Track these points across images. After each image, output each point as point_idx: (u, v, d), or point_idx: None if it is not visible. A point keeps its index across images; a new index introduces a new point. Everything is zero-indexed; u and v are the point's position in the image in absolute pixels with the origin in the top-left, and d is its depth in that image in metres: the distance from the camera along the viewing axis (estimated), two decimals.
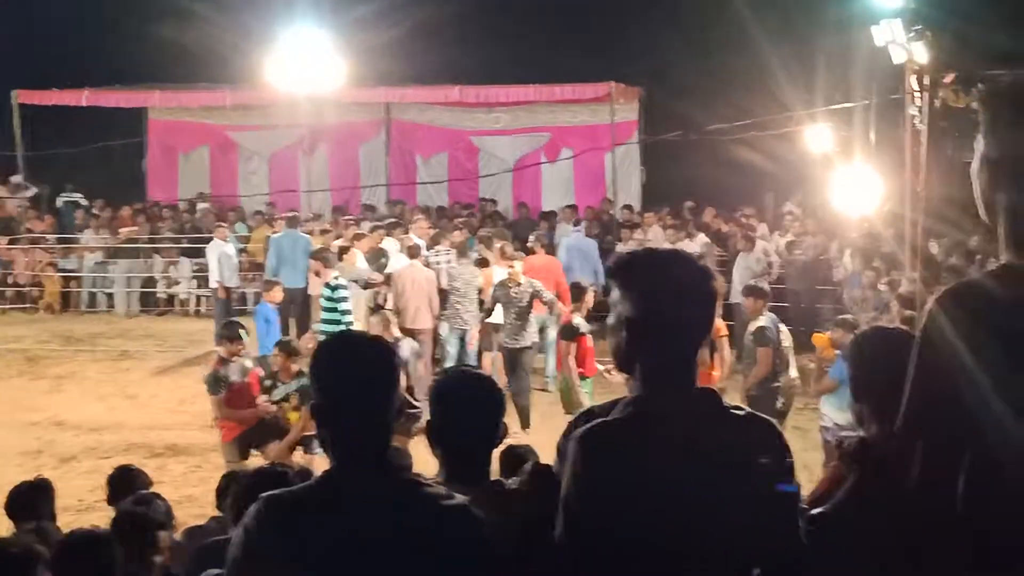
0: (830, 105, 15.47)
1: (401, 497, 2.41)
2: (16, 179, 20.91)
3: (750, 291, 9.85)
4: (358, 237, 14.05)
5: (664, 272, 2.49)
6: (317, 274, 12.33)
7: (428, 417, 2.93)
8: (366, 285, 13.05)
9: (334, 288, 11.61)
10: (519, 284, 11.54)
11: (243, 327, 9.72)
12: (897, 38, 11.59)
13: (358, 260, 13.32)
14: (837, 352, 8.88)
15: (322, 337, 10.02)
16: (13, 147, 18.94)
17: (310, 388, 2.56)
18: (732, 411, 2.46)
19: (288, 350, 9.67)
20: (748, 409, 2.53)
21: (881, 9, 12.45)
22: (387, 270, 13.46)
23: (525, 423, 10.90)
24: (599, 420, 2.48)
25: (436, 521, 2.38)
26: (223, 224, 16.77)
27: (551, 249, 15.42)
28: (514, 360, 11.45)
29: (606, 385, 9.82)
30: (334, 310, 11.49)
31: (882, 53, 12.25)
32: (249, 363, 9.60)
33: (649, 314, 2.45)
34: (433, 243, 14.07)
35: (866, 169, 13.23)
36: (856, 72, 14.92)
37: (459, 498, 2.44)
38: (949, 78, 11.91)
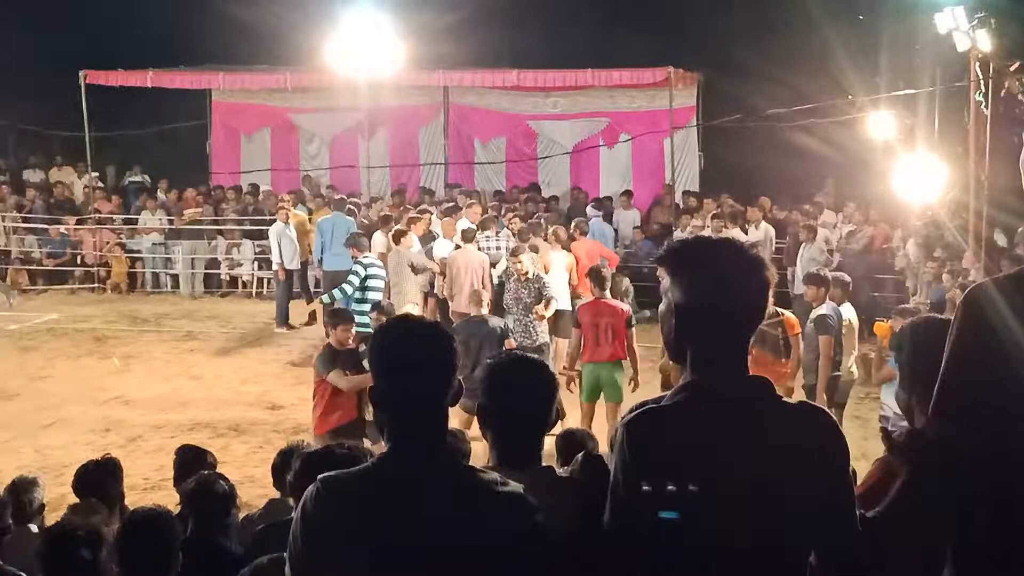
0: (893, 92, 15.27)
1: (455, 482, 2.43)
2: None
3: (810, 279, 9.83)
4: (413, 220, 14.20)
5: (714, 260, 2.49)
6: (354, 258, 12.43)
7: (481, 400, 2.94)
8: (417, 270, 13.10)
9: (366, 266, 12.00)
10: (526, 277, 11.06)
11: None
12: (960, 25, 11.44)
13: (414, 244, 13.45)
14: None
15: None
16: (82, 128, 19.26)
17: None
18: (783, 400, 2.47)
19: (382, 312, 9.91)
20: (801, 399, 2.54)
21: None
22: (436, 254, 13.56)
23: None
24: (648, 407, 2.50)
25: (491, 507, 2.40)
26: (285, 206, 17.03)
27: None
28: None
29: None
30: (363, 288, 11.92)
31: (947, 39, 12.08)
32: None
33: (698, 301, 2.46)
34: (482, 228, 14.07)
35: (929, 157, 13.08)
36: (920, 58, 14.72)
37: (514, 485, 2.45)
38: (1014, 66, 11.73)
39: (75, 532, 4.13)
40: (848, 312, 9.69)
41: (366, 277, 12.01)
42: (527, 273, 11.09)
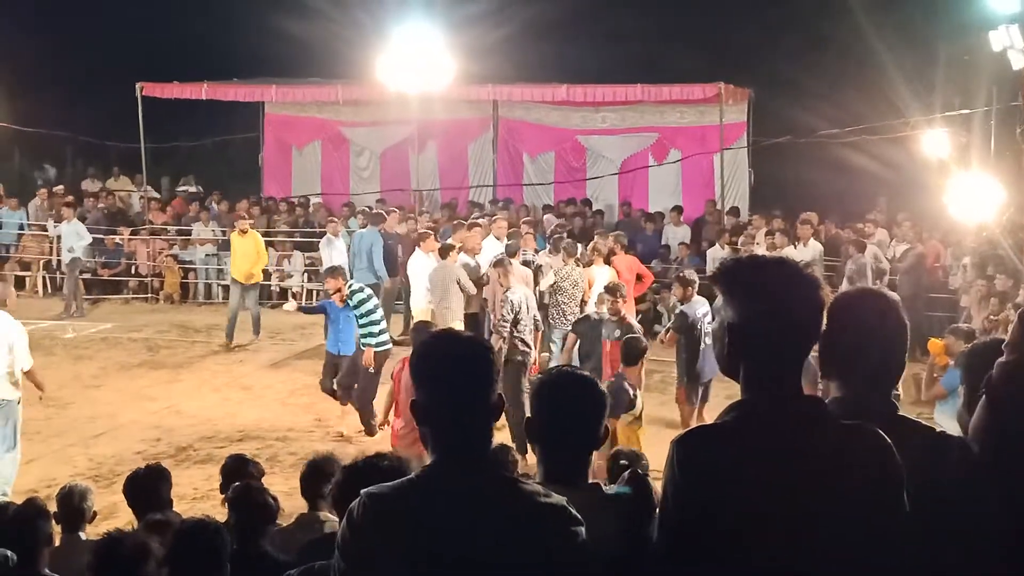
0: (948, 111, 15.11)
1: (498, 494, 2.43)
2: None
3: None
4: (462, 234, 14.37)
5: (768, 279, 2.46)
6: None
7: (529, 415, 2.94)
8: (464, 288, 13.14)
9: (352, 294, 11.22)
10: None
11: None
12: (1015, 43, 11.33)
13: (460, 259, 13.53)
14: (950, 360, 8.75)
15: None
16: (137, 139, 19.58)
17: None
18: (839, 420, 2.43)
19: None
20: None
21: (998, 14, 12.15)
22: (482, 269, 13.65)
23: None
24: (699, 424, 2.52)
25: (533, 519, 2.39)
26: (335, 219, 17.17)
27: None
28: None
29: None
30: (361, 320, 11.16)
31: (1003, 57, 11.96)
32: None
33: (752, 321, 2.43)
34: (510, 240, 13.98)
35: (984, 176, 12.92)
36: (976, 77, 14.56)
37: (557, 497, 2.45)
38: None
39: (122, 544, 4.17)
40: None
41: (359, 301, 11.21)
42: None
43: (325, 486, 5.21)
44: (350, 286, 11.37)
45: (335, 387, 11.54)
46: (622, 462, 5.70)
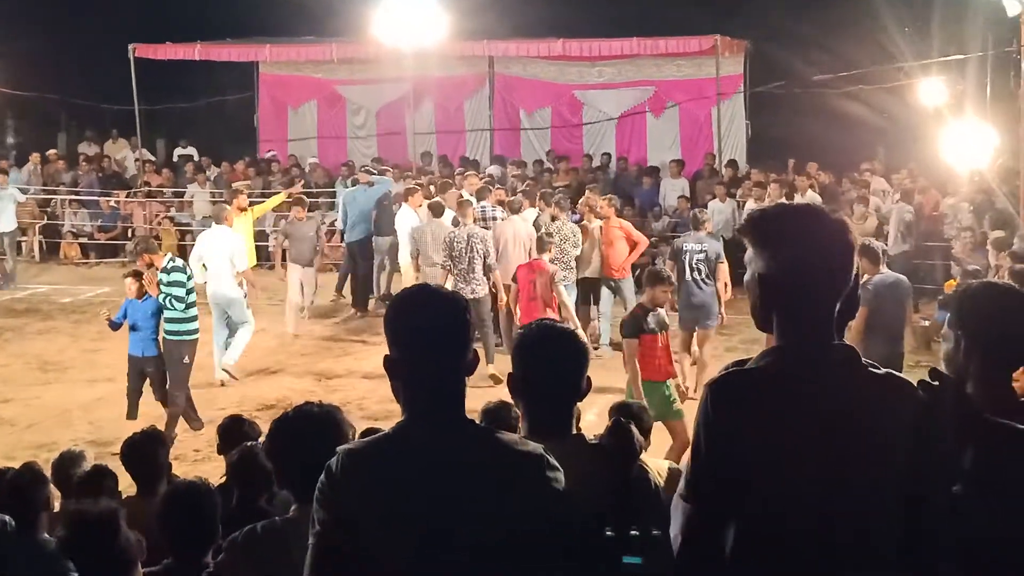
0: (943, 57, 15.01)
1: (473, 447, 2.43)
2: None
3: (861, 251, 9.65)
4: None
5: (796, 225, 2.46)
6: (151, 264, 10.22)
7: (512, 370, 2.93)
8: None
9: (169, 271, 9.92)
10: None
11: None
12: None
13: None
14: None
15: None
16: (131, 101, 19.47)
17: None
18: (870, 368, 2.43)
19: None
20: (886, 368, 2.47)
21: None
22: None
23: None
24: (733, 369, 2.48)
25: (510, 468, 2.41)
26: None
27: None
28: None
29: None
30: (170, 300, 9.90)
31: (999, 4, 11.87)
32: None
33: (783, 268, 2.43)
34: (479, 198, 13.94)
35: (979, 123, 12.86)
36: (971, 24, 14.45)
37: (534, 445, 2.46)
38: None
39: (88, 514, 4.10)
40: None
41: (174, 281, 9.93)
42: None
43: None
44: (171, 259, 10.11)
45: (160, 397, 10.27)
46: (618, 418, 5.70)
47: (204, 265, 11.62)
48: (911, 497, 2.37)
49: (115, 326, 10.35)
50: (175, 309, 9.90)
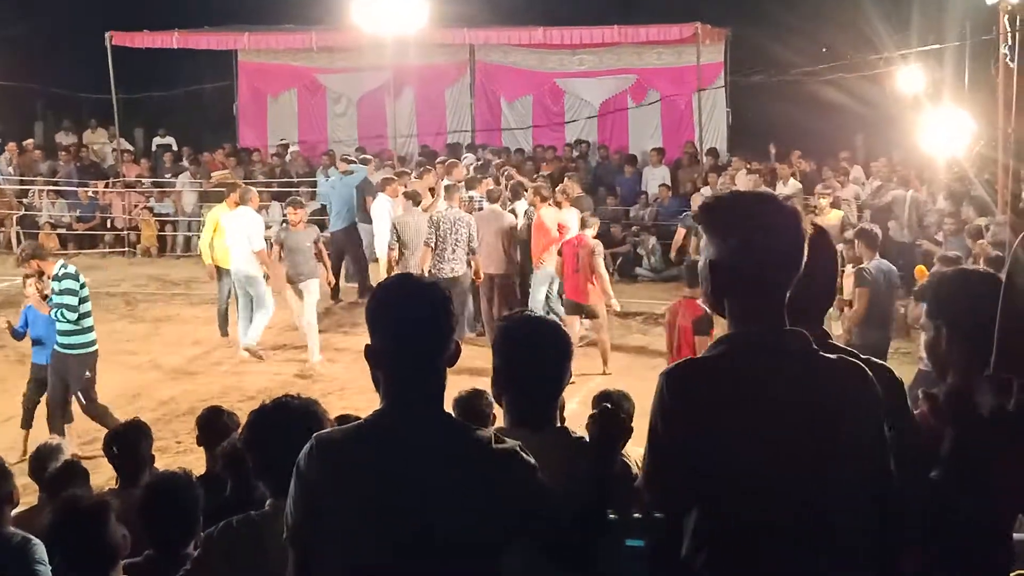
0: (923, 46, 15.04)
1: (449, 442, 2.43)
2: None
3: (859, 235, 9.62)
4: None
5: (748, 214, 2.47)
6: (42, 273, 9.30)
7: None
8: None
9: (60, 279, 8.99)
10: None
11: None
12: None
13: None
14: None
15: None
16: (109, 90, 19.29)
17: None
18: (821, 353, 2.45)
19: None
20: (839, 353, 2.50)
21: None
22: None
23: None
24: (686, 358, 2.53)
25: (484, 465, 2.40)
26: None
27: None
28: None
29: None
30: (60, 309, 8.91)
31: None
32: None
33: (734, 256, 2.44)
34: (468, 187, 13.82)
35: (956, 111, 12.91)
36: (950, 12, 14.50)
37: (510, 442, 2.46)
38: None
39: (80, 504, 4.10)
40: None
41: (64, 289, 9.00)
42: None
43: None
44: (63, 266, 9.19)
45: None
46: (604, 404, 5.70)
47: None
48: (873, 481, 2.39)
49: (18, 335, 9.40)
50: (66, 321, 8.86)
